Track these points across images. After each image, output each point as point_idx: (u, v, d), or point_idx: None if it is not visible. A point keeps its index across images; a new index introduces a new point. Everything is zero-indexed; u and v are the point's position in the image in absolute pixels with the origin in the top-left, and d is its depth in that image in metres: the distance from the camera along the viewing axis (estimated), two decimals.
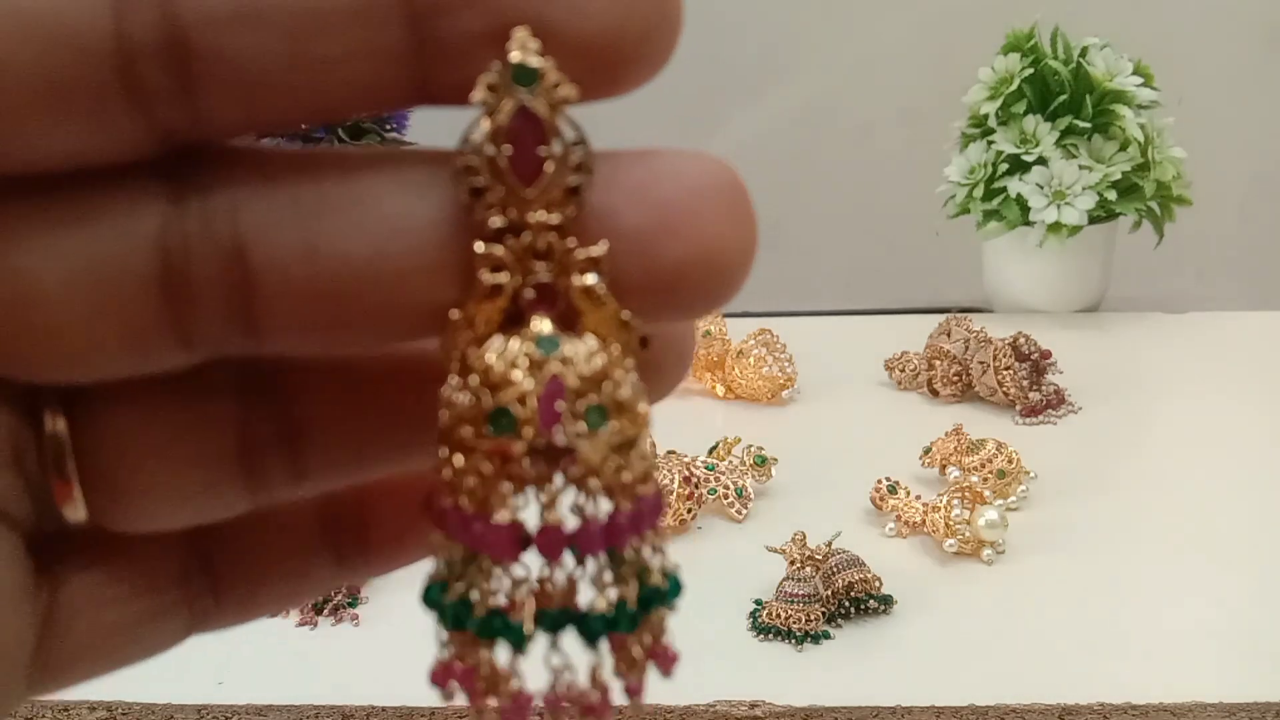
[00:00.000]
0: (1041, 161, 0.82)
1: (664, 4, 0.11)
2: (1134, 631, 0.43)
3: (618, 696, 0.13)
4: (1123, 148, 0.82)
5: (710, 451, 0.55)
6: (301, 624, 0.45)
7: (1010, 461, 0.53)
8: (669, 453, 0.54)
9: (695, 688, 0.39)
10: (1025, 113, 0.83)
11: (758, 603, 0.44)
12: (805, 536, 0.44)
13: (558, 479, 0.12)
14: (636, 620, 0.12)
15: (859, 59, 1.31)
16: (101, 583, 0.14)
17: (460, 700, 0.12)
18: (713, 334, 0.69)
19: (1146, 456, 0.60)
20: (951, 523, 0.48)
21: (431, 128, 0.10)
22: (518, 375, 0.12)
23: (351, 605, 0.46)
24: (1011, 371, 0.64)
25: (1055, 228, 0.81)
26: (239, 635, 0.48)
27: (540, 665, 0.12)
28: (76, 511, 0.13)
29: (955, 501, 0.48)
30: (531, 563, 0.12)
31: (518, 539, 0.12)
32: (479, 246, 0.12)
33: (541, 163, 0.12)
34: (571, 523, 0.12)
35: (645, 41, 0.11)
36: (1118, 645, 0.42)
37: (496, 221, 0.12)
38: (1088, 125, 0.82)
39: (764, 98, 1.31)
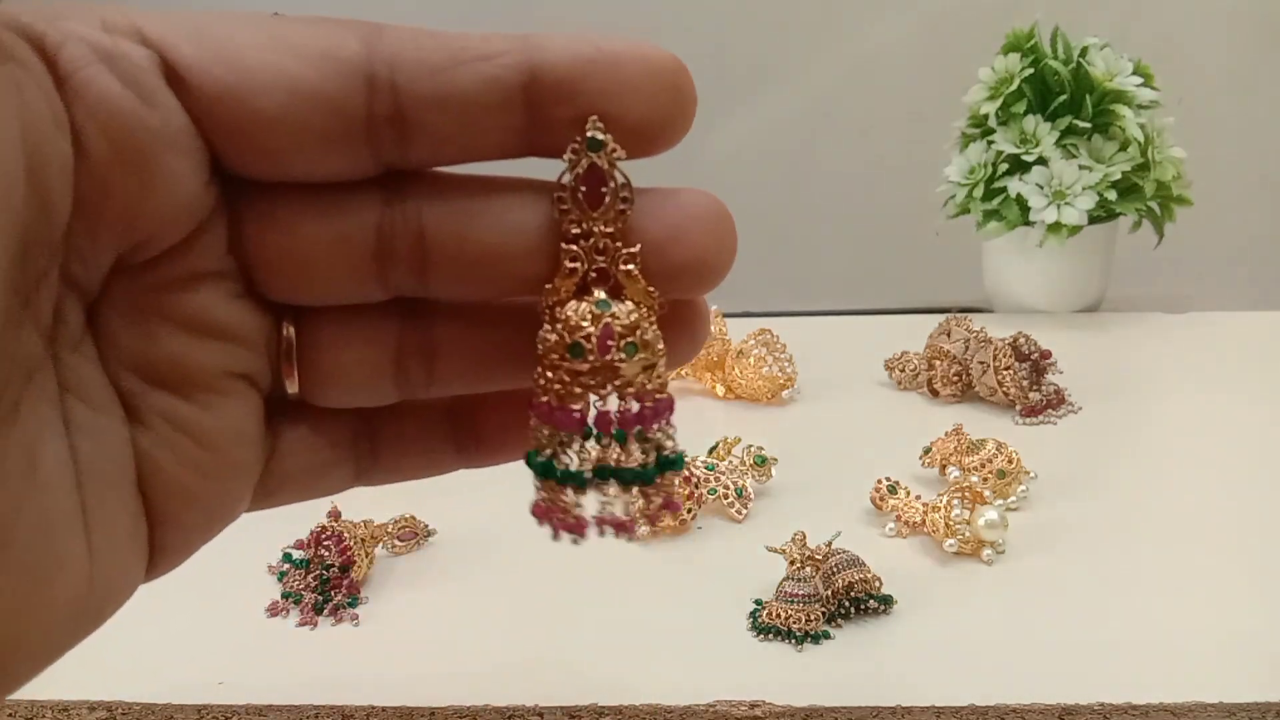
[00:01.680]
0: (1041, 161, 0.82)
1: (681, 104, 0.18)
2: (1134, 631, 0.43)
3: (640, 523, 0.20)
4: (1123, 148, 0.82)
5: (710, 451, 0.55)
6: (301, 624, 0.45)
7: (1010, 461, 0.53)
8: None
9: (695, 688, 0.39)
10: (1025, 113, 0.83)
11: (758, 603, 0.44)
12: (805, 536, 0.44)
13: (608, 388, 0.19)
14: (654, 476, 0.20)
15: (859, 59, 1.31)
16: (303, 437, 0.21)
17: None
18: (713, 334, 0.69)
19: (1146, 457, 0.60)
20: (951, 523, 0.48)
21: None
22: (585, 323, 0.19)
23: (351, 605, 0.46)
24: (1011, 371, 0.64)
25: (1055, 228, 0.80)
26: (239, 635, 0.48)
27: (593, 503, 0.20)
28: (293, 386, 0.20)
29: (955, 501, 0.48)
30: (591, 445, 0.20)
31: (584, 420, 0.19)
32: (564, 245, 0.19)
33: (603, 196, 0.19)
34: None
35: (668, 126, 0.18)
36: (1118, 645, 0.42)
37: (574, 230, 0.19)
38: (1088, 125, 0.82)
39: (764, 97, 1.31)
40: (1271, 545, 0.49)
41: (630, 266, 0.19)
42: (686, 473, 0.51)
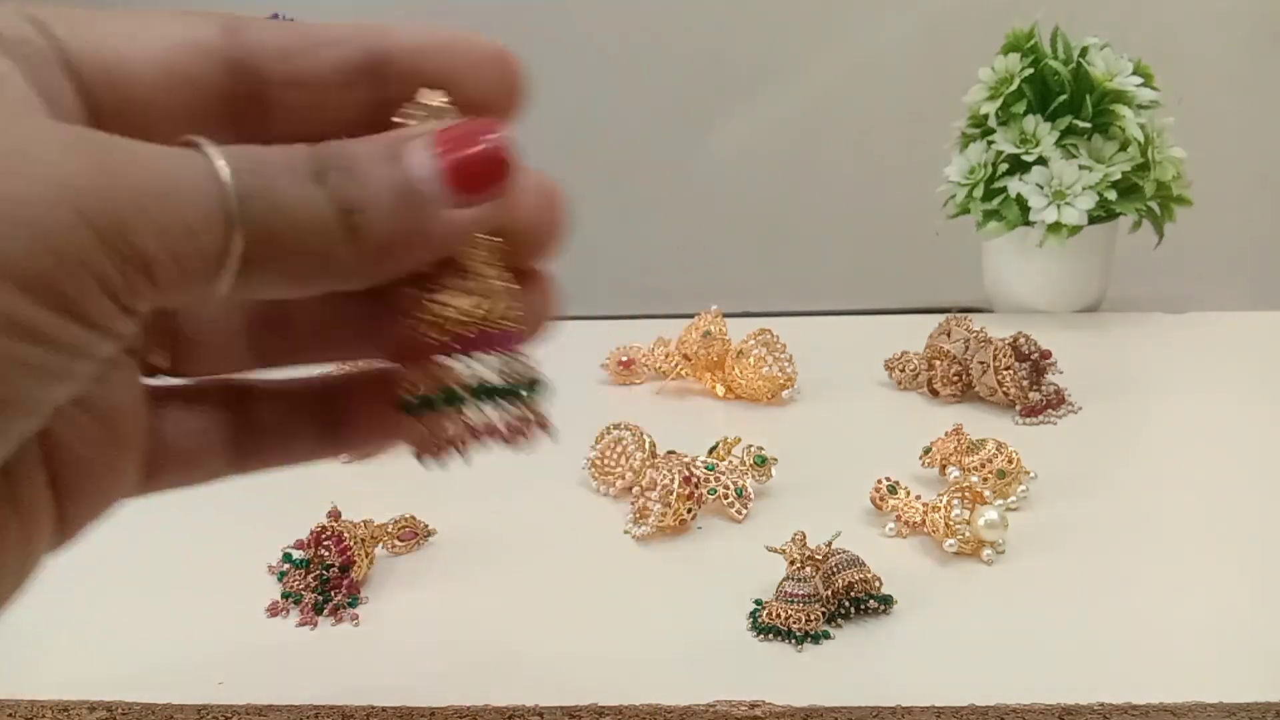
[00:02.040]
0: (1041, 161, 0.82)
1: (507, 84, 0.21)
2: (1134, 631, 0.43)
3: (511, 436, 0.22)
4: (1123, 148, 0.82)
5: (710, 451, 0.55)
6: (301, 624, 0.45)
7: (1010, 461, 0.53)
8: (669, 453, 0.54)
9: (695, 688, 0.39)
10: (1025, 113, 0.83)
11: (758, 603, 0.44)
12: (805, 536, 0.44)
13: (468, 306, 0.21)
14: (523, 393, 0.22)
15: (859, 59, 1.31)
16: (179, 420, 0.22)
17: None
18: (713, 334, 0.69)
19: (1146, 456, 0.60)
20: (951, 523, 0.48)
21: None
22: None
23: (351, 605, 0.46)
24: (1011, 371, 0.64)
25: (1055, 228, 0.80)
26: (239, 635, 0.48)
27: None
28: (162, 361, 0.22)
29: (955, 501, 0.48)
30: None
31: (447, 346, 0.21)
32: None
33: None
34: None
35: (499, 103, 0.21)
36: (1118, 645, 0.42)
37: None
38: (1088, 125, 0.82)
39: (764, 97, 1.31)
40: (1271, 545, 0.49)
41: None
42: (687, 473, 0.51)
